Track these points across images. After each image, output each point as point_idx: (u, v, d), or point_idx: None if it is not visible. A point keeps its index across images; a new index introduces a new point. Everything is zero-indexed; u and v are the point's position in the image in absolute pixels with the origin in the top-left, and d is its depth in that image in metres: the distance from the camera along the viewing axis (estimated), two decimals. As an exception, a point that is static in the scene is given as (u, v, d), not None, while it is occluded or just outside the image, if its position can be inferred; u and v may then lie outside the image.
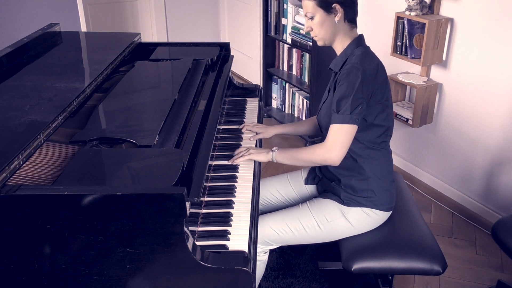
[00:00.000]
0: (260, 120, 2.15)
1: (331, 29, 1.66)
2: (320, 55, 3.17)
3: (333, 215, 1.74)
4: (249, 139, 1.95)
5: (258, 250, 1.74)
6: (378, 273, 2.09)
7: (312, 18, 1.66)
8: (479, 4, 2.35)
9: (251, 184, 1.66)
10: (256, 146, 1.92)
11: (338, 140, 1.62)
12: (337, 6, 1.62)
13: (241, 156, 1.76)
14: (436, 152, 2.81)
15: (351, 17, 1.66)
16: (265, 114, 3.79)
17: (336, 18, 1.64)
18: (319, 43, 1.73)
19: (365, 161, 1.71)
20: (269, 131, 2.01)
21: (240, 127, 2.02)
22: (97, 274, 1.20)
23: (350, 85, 1.59)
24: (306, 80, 3.49)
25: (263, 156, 1.76)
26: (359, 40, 1.69)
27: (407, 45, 2.60)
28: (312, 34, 1.71)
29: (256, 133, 1.99)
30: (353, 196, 1.73)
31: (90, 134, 1.42)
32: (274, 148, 1.77)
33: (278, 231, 1.74)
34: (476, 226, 2.61)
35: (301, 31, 3.31)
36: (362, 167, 1.72)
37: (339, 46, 1.71)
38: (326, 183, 1.83)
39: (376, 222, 1.78)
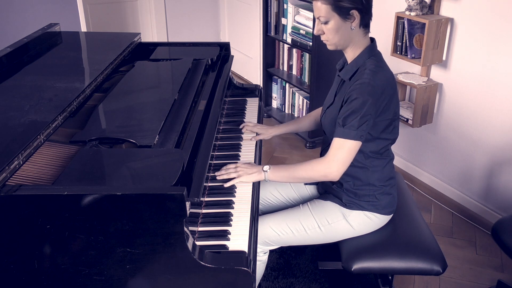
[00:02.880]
0: (260, 120, 2.15)
1: (346, 36, 1.57)
2: (320, 55, 3.17)
3: (334, 217, 1.74)
4: (250, 139, 1.95)
5: (258, 250, 1.74)
6: (378, 273, 2.09)
7: (325, 23, 1.56)
8: (479, 4, 2.35)
9: (251, 184, 1.66)
10: (256, 146, 1.92)
11: (340, 155, 1.57)
12: (355, 12, 1.53)
13: (229, 176, 1.63)
14: (436, 152, 2.81)
15: (366, 22, 1.59)
16: (265, 114, 3.79)
17: (353, 25, 1.55)
18: (330, 48, 1.64)
19: (367, 170, 1.70)
20: (269, 132, 2.00)
21: (241, 126, 2.02)
22: (97, 274, 1.20)
23: (361, 102, 1.53)
24: (306, 80, 3.49)
25: (254, 177, 1.64)
26: (371, 49, 1.62)
27: (407, 45, 2.60)
28: (323, 38, 1.61)
29: (256, 134, 1.99)
30: (355, 200, 1.73)
31: (90, 134, 1.42)
32: (265, 168, 1.65)
33: (279, 232, 1.74)
34: (476, 226, 2.61)
35: (301, 31, 3.31)
36: (365, 174, 1.70)
37: (351, 53, 1.63)
38: (328, 184, 1.82)
39: (377, 225, 1.78)
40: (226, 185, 1.62)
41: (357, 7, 1.53)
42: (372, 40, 1.66)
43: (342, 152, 1.57)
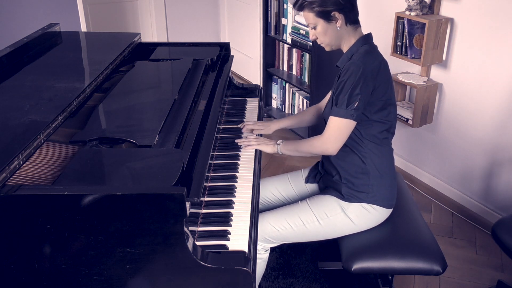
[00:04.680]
0: (260, 120, 2.15)
1: (335, 35, 1.69)
2: (320, 55, 3.17)
3: (333, 210, 1.75)
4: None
5: (259, 248, 1.75)
6: (378, 273, 2.09)
7: (314, 28, 1.69)
8: (479, 4, 2.35)
9: (251, 184, 1.66)
10: None
11: (333, 133, 1.67)
12: (336, 13, 1.64)
13: (249, 143, 1.85)
14: (436, 152, 2.81)
15: (352, 19, 1.68)
16: (265, 114, 3.79)
17: (338, 25, 1.66)
18: (327, 49, 1.76)
19: (366, 156, 1.72)
20: (271, 127, 2.03)
21: (240, 126, 2.02)
22: (97, 274, 1.20)
23: (348, 81, 1.61)
24: (306, 80, 3.49)
25: (270, 148, 1.86)
26: (366, 38, 1.71)
27: (407, 45, 2.60)
28: (318, 41, 1.74)
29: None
30: (354, 192, 1.74)
31: (90, 134, 1.42)
32: (279, 141, 1.85)
33: (278, 228, 1.74)
34: (476, 226, 2.61)
35: (301, 31, 3.31)
36: (364, 161, 1.73)
37: (346, 47, 1.73)
38: (328, 178, 1.84)
39: (376, 219, 1.78)
40: (246, 148, 1.85)
41: (337, 8, 1.63)
42: (368, 33, 1.74)
43: (335, 130, 1.67)
